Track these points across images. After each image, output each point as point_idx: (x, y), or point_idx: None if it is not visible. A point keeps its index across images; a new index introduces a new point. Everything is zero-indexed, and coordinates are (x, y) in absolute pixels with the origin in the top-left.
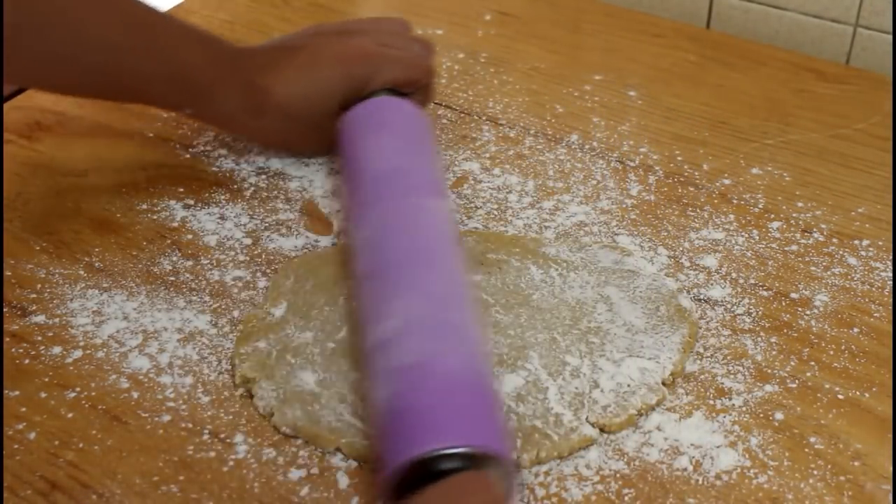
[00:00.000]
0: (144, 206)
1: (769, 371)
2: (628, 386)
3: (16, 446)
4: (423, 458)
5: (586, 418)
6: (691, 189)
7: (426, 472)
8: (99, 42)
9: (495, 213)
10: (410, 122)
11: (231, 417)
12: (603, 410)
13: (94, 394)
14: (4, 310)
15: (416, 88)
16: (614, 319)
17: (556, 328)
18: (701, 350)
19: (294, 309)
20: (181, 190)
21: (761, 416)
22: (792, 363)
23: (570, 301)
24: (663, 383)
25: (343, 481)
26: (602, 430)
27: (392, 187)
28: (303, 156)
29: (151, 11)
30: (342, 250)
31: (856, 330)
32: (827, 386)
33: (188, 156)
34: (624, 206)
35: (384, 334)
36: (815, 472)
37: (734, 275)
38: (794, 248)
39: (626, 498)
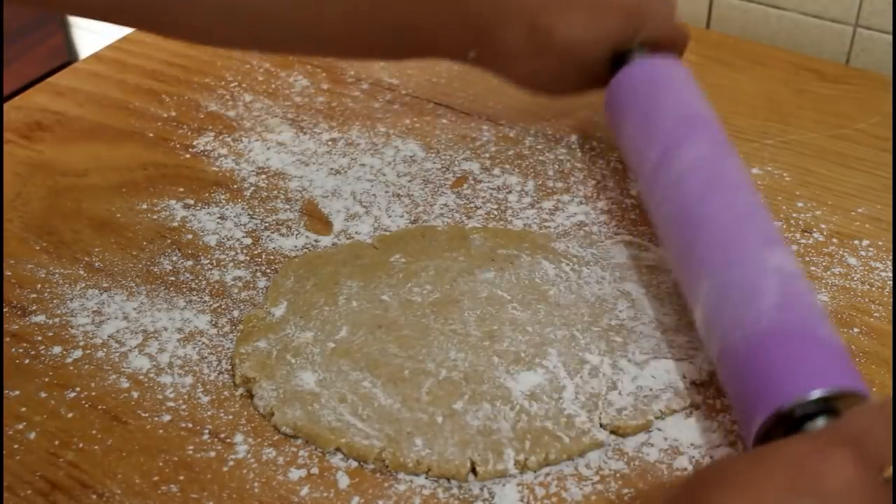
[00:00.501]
0: (144, 206)
1: None
2: (651, 389)
3: (16, 446)
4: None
5: (599, 423)
6: None
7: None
8: None
9: (495, 213)
10: (681, 83)
11: (231, 417)
12: (618, 413)
13: (94, 394)
14: (4, 310)
15: (671, 48)
16: (638, 317)
17: (576, 325)
18: None
19: (294, 309)
20: (181, 190)
21: None
22: None
23: (589, 297)
24: (700, 384)
25: (343, 481)
26: (615, 434)
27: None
28: (564, 97)
29: None
30: (346, 249)
31: (856, 330)
32: None
33: (188, 156)
34: (624, 206)
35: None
36: None
37: None
38: (794, 248)
39: (626, 498)
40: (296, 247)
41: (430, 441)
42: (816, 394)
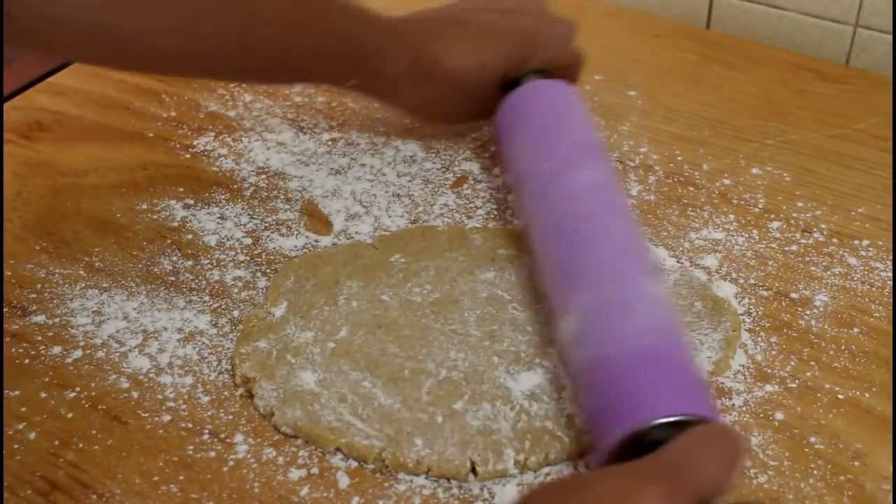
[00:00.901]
0: (144, 206)
1: (769, 371)
2: None
3: (16, 446)
4: (644, 427)
5: None
6: (691, 189)
7: (644, 441)
8: (270, 21)
9: (495, 213)
10: (576, 107)
11: (231, 417)
12: None
13: (94, 394)
14: (4, 310)
15: (566, 72)
16: None
17: None
18: None
19: (294, 309)
20: (181, 190)
21: (761, 416)
22: (792, 363)
23: None
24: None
25: (343, 481)
26: None
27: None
28: (452, 124)
29: None
30: (346, 249)
31: (856, 330)
32: (827, 386)
33: (188, 156)
34: None
35: (576, 324)
36: (815, 472)
37: (734, 275)
38: (794, 248)
39: None
40: (296, 247)
41: (430, 441)
42: (665, 419)
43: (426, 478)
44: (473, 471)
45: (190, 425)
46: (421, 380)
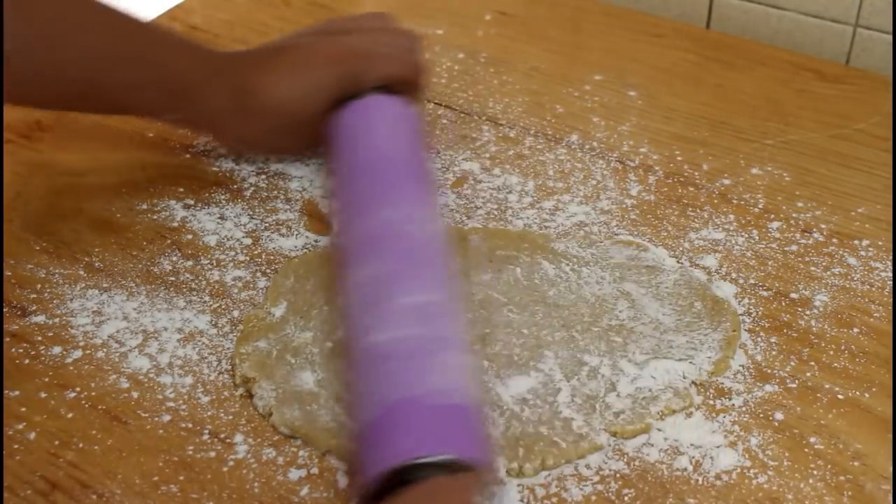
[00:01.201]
0: (144, 206)
1: (769, 371)
2: (650, 391)
3: (16, 446)
4: (403, 465)
5: (599, 425)
6: (691, 189)
7: (405, 479)
8: (85, 53)
9: (495, 213)
10: (400, 121)
11: (231, 417)
12: (615, 417)
13: (94, 394)
14: (4, 310)
15: (408, 86)
16: (638, 317)
17: (575, 326)
18: None
19: (294, 309)
20: (181, 190)
21: (761, 416)
22: (792, 363)
23: (589, 297)
24: (700, 384)
25: (343, 481)
26: (615, 436)
27: (379, 195)
28: (290, 155)
29: (133, 20)
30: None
31: (856, 330)
32: (827, 386)
33: (188, 156)
34: (624, 206)
35: (368, 345)
36: (815, 472)
37: (734, 275)
38: (794, 248)
39: (626, 498)
40: (296, 247)
41: None
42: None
43: None
44: None
45: (190, 425)
46: None
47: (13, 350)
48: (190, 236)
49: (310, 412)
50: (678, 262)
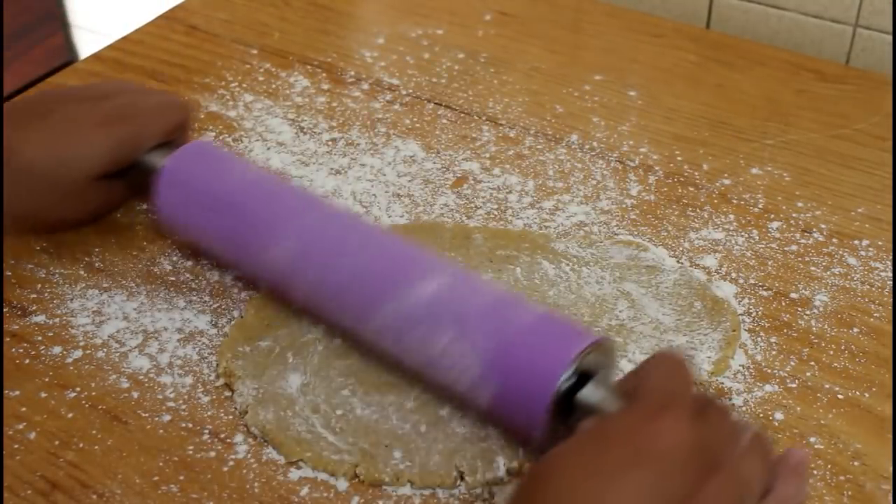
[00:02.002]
0: (144, 206)
1: (769, 371)
2: None
3: (16, 446)
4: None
5: None
6: (691, 189)
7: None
8: None
9: (495, 213)
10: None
11: (231, 417)
12: None
13: (94, 394)
14: (4, 310)
15: (181, 132)
16: (638, 317)
17: None
18: None
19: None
20: None
21: (761, 416)
22: (792, 363)
23: (589, 297)
24: (700, 384)
25: (343, 482)
26: None
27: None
28: (52, 228)
29: None
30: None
31: (856, 330)
32: (827, 386)
33: None
34: (624, 206)
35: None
36: (815, 472)
37: (734, 275)
38: (794, 248)
39: None
40: None
41: (411, 452)
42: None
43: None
44: (462, 479)
45: (190, 425)
46: (413, 383)
47: (13, 350)
48: None
49: (283, 418)
50: (678, 262)
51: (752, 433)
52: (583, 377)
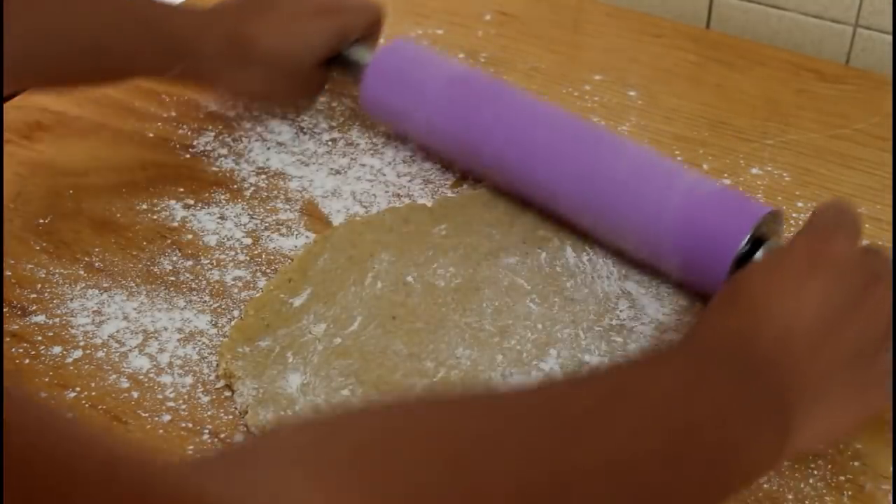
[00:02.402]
0: (144, 206)
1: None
2: None
3: None
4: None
5: None
6: None
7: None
8: (80, 23)
9: None
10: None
11: (231, 417)
12: None
13: (94, 394)
14: (4, 310)
15: (374, 31)
16: (639, 317)
17: (581, 324)
18: None
19: (317, 294)
20: (181, 190)
21: None
22: None
23: (599, 293)
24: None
25: None
26: None
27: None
28: (285, 107)
29: None
30: (398, 212)
31: None
32: None
33: (188, 156)
34: None
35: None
36: (815, 472)
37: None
38: None
39: None
40: (296, 247)
41: None
42: (765, 216)
43: None
44: None
45: (190, 425)
46: (414, 382)
47: (13, 350)
48: (190, 236)
49: (283, 418)
50: None
51: None
52: (757, 242)
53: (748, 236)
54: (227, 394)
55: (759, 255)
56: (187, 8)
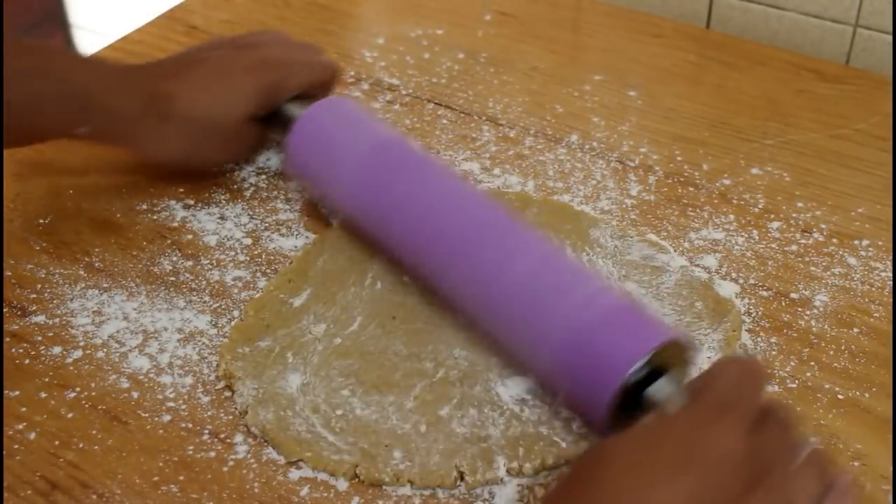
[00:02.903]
0: (144, 206)
1: (769, 371)
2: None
3: (16, 446)
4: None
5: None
6: (691, 189)
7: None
8: None
9: None
10: (373, 116)
11: (231, 417)
12: None
13: (94, 394)
14: (4, 310)
15: (323, 89)
16: None
17: None
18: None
19: (317, 295)
20: (181, 190)
21: None
22: (792, 363)
23: None
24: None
25: (343, 482)
26: None
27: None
28: (206, 166)
29: (41, 43)
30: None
31: (856, 330)
32: (827, 386)
33: None
34: (624, 206)
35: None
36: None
37: (734, 275)
38: (794, 248)
39: None
40: (296, 247)
41: (411, 452)
42: (645, 358)
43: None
44: (462, 479)
45: (190, 425)
46: (414, 382)
47: (13, 350)
48: (190, 236)
49: (283, 417)
50: (683, 263)
51: (811, 449)
52: (656, 373)
53: (636, 367)
54: (228, 394)
55: (657, 387)
56: (101, 63)
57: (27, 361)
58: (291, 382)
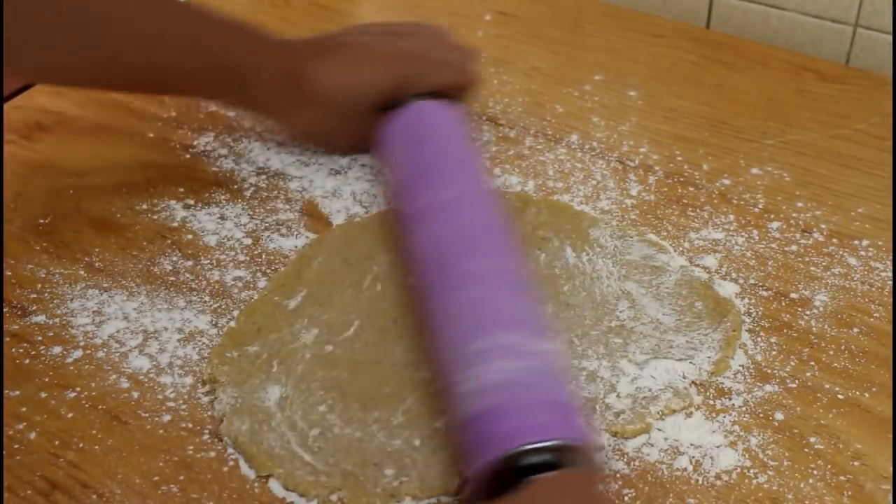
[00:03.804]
0: (144, 206)
1: (769, 371)
2: (650, 390)
3: (16, 446)
4: (513, 453)
5: (600, 425)
6: (691, 189)
7: (518, 467)
8: (142, 41)
9: None
10: (454, 128)
11: None
12: (615, 418)
13: (94, 394)
14: (4, 310)
15: (458, 93)
16: (639, 317)
17: (575, 330)
18: None
19: (313, 297)
20: (181, 190)
21: (761, 416)
22: (792, 363)
23: (596, 296)
24: (700, 384)
25: None
26: (615, 436)
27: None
28: (336, 151)
29: (189, 7)
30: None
31: (856, 330)
32: (827, 386)
33: (188, 156)
34: (624, 206)
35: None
36: (815, 472)
37: (734, 275)
38: (794, 248)
39: (626, 498)
40: (296, 247)
41: (406, 468)
42: (529, 446)
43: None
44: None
45: (190, 425)
46: (405, 394)
47: (13, 350)
48: (190, 236)
49: (257, 431)
50: (683, 263)
51: None
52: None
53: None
54: (212, 397)
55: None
56: (248, 37)
57: (27, 361)
58: (270, 395)
